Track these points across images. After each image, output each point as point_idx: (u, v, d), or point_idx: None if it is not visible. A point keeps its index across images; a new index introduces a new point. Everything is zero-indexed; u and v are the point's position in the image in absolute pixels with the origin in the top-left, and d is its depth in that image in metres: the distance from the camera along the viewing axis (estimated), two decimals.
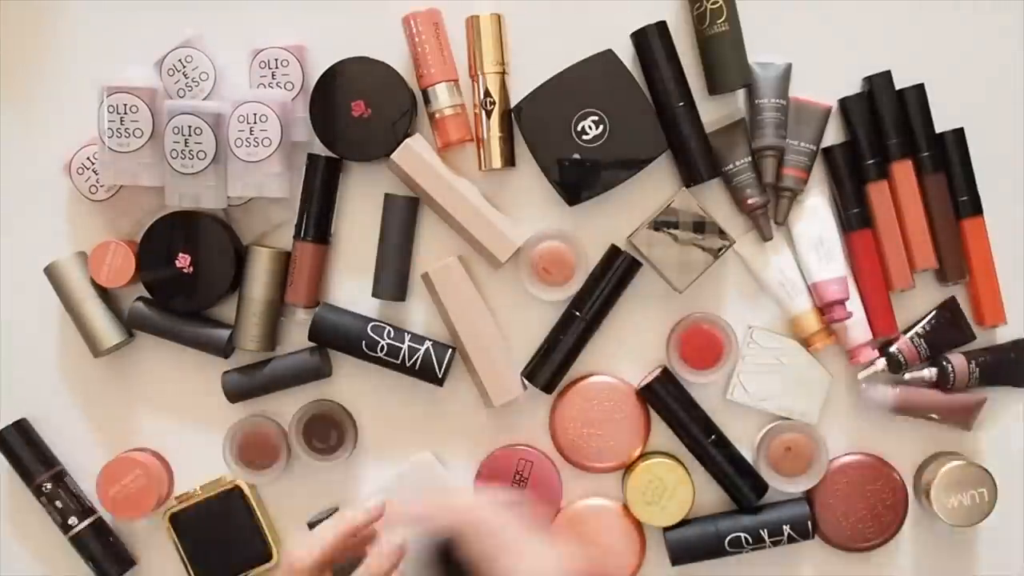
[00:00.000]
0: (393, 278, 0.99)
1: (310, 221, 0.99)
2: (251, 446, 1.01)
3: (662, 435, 1.01)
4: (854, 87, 1.00)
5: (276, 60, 0.98)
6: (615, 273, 0.98)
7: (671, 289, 0.98)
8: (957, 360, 0.99)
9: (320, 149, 1.00)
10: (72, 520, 1.01)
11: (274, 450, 1.01)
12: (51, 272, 1.01)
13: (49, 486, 1.01)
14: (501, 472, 1.01)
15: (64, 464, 1.03)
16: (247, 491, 1.01)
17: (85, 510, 1.01)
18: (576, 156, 0.96)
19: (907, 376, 1.00)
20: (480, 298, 0.99)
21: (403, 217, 0.99)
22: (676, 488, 0.98)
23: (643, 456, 1.00)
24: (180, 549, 1.01)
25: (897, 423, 1.01)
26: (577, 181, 0.97)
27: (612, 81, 0.96)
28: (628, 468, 1.00)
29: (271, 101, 0.95)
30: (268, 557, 1.01)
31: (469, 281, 0.99)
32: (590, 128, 0.96)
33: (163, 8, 1.01)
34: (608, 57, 0.96)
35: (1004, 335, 1.01)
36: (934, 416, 1.00)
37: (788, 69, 0.99)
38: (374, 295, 1.00)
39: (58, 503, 1.01)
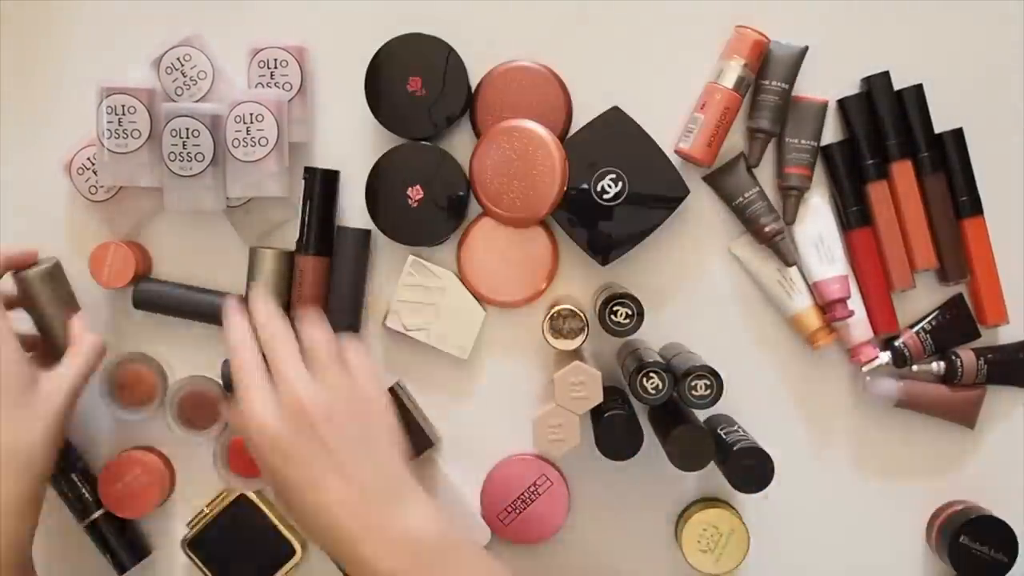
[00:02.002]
0: (349, 311, 1.00)
1: (311, 234, 0.99)
2: (193, 406, 1.01)
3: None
4: (853, 87, 1.00)
5: (275, 60, 0.98)
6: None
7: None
8: (966, 355, 0.99)
9: (319, 150, 1.01)
10: (88, 508, 1.01)
11: (215, 411, 1.01)
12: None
13: (65, 473, 1.01)
14: (516, 478, 1.01)
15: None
16: (253, 497, 1.01)
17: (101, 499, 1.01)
18: (604, 215, 0.97)
19: (915, 368, 1.00)
20: None
21: (356, 249, 1.00)
22: (731, 536, 0.98)
23: (698, 504, 1.01)
24: (207, 572, 1.01)
25: (899, 421, 1.01)
26: (606, 243, 0.98)
27: (622, 136, 0.97)
28: (682, 516, 1.01)
29: (267, 101, 0.95)
30: (293, 552, 1.02)
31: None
32: (609, 187, 0.96)
33: (163, 8, 1.01)
34: (614, 114, 0.97)
35: (1006, 334, 1.01)
36: (938, 414, 1.00)
37: (802, 53, 0.98)
38: None
39: (74, 491, 1.01)
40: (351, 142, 1.01)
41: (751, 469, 0.92)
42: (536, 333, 0.99)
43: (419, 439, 0.99)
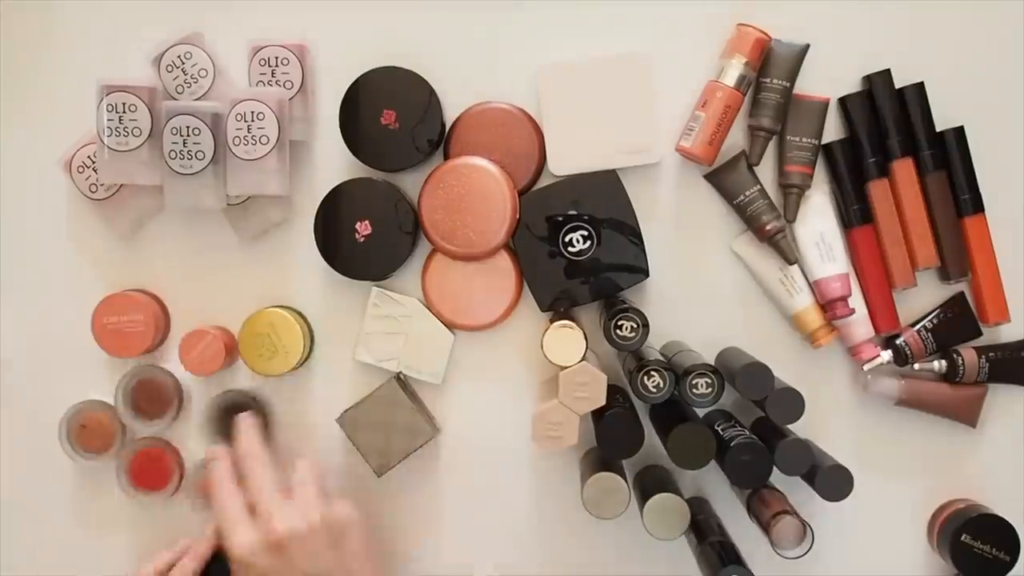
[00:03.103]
0: None
1: None
2: (144, 394, 1.01)
3: None
4: (854, 85, 1.00)
5: (276, 58, 0.98)
6: None
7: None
8: (968, 354, 0.99)
9: (320, 149, 1.00)
10: None
11: (167, 400, 1.01)
12: None
13: None
14: None
15: None
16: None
17: None
18: (561, 265, 0.97)
19: (916, 367, 1.00)
20: None
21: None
22: (276, 328, 0.99)
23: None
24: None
25: (900, 420, 1.01)
26: (552, 291, 0.98)
27: (609, 200, 0.97)
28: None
29: (268, 99, 0.95)
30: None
31: None
32: (578, 242, 0.97)
33: (164, 5, 1.01)
34: (610, 176, 0.97)
35: (1008, 332, 1.01)
36: (939, 412, 1.00)
37: (804, 51, 0.98)
38: None
39: None
40: None
41: (749, 465, 0.92)
42: (508, 353, 1.00)
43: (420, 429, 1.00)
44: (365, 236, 0.98)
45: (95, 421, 1.01)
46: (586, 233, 0.97)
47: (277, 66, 0.98)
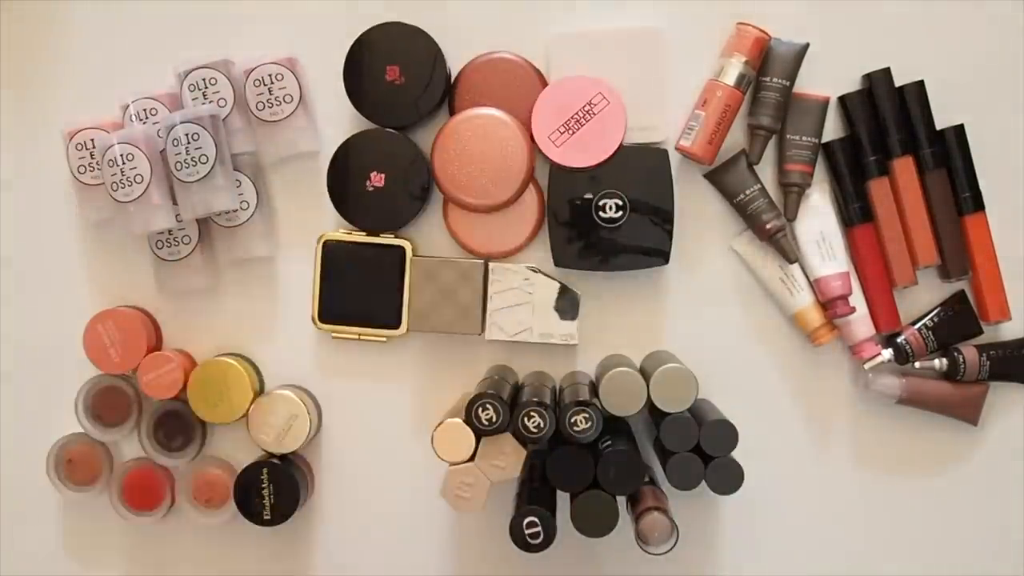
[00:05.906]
0: None
1: None
2: (103, 402, 1.02)
3: None
4: (854, 84, 1.00)
5: (270, 76, 0.97)
6: None
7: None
8: (968, 352, 0.99)
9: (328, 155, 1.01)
10: None
11: (126, 411, 1.02)
12: None
13: None
14: (571, 96, 0.97)
15: None
16: (409, 254, 1.00)
17: None
18: (587, 228, 0.97)
19: (917, 365, 1.00)
20: None
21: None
22: (232, 384, 0.99)
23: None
24: (318, 273, 1.00)
25: (902, 418, 1.02)
26: (572, 251, 0.98)
27: (654, 176, 0.97)
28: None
29: (201, 117, 0.95)
30: (396, 325, 1.00)
31: None
32: (611, 208, 0.97)
33: (179, 15, 1.02)
34: (659, 154, 0.97)
35: (1009, 330, 1.01)
36: (941, 410, 1.00)
37: (803, 50, 0.98)
38: None
39: None
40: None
41: (618, 477, 0.91)
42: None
43: None
44: (376, 187, 0.99)
45: (79, 454, 1.03)
46: (620, 203, 0.97)
47: (272, 83, 0.97)
